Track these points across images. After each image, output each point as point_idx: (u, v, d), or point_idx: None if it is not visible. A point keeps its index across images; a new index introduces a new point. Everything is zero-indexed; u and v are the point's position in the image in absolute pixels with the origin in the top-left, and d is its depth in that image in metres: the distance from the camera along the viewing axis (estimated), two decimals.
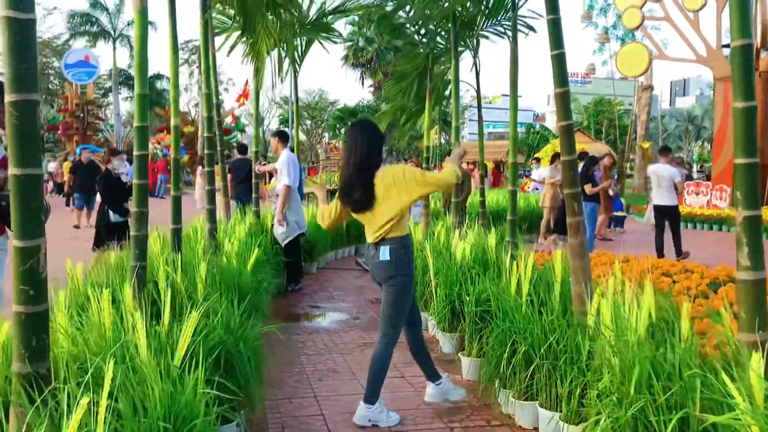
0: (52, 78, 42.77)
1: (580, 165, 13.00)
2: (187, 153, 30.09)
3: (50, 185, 25.75)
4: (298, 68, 9.36)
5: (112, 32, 38.41)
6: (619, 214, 15.10)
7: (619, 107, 41.82)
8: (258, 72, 7.51)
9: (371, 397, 3.85)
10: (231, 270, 4.99)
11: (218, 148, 7.76)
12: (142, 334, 2.73)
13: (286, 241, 7.71)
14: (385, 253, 3.75)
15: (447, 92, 10.47)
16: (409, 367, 5.00)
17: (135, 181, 3.65)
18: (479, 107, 8.94)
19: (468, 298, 4.89)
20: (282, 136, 8.03)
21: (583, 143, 23.19)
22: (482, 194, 9.02)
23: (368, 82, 42.87)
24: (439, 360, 5.26)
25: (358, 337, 5.94)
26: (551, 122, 59.05)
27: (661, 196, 10.12)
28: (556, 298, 4.28)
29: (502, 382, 4.07)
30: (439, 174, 3.87)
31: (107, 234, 7.68)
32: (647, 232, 12.62)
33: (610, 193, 12.63)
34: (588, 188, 10.18)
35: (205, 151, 6.18)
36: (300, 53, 9.26)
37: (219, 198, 7.38)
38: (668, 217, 10.13)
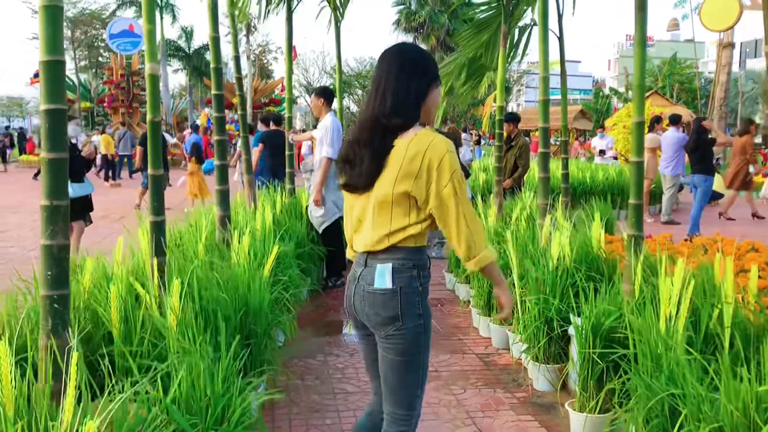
0: (101, 51, 42.22)
1: (673, 129, 11.15)
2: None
3: (99, 159, 24.88)
4: (340, 16, 7.77)
5: (159, 2, 37.40)
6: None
7: (689, 69, 38.81)
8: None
9: None
10: (237, 279, 3.52)
11: (241, 113, 6.30)
12: None
13: (323, 227, 6.23)
14: (383, 275, 2.12)
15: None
16: (487, 418, 3.49)
17: (46, 156, 2.18)
18: (562, 61, 7.18)
19: (579, 325, 3.30)
20: (326, 95, 6.34)
21: (660, 107, 20.91)
22: (565, 165, 7.34)
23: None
24: (531, 403, 3.71)
25: None
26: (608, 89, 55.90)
27: None
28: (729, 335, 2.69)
29: None
30: (477, 227, 2.11)
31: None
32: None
33: (751, 169, 11.25)
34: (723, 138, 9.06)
35: (214, 115, 4.71)
36: None
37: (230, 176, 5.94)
38: None
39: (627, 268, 3.63)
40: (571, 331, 3.70)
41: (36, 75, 37.84)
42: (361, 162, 2.12)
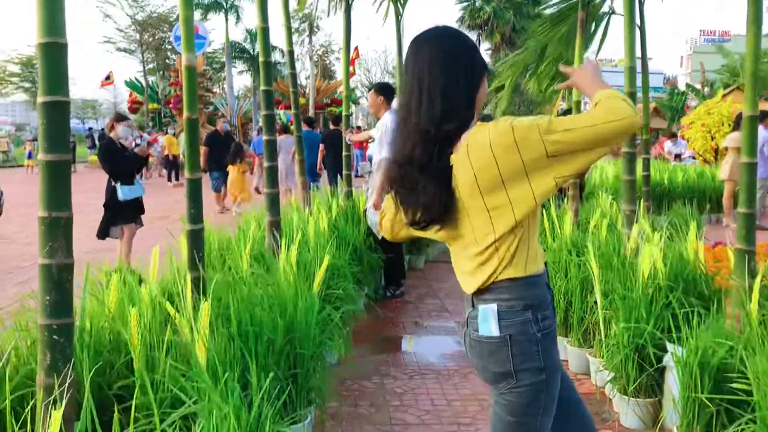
0: (168, 53, 43.17)
1: (761, 128, 10.25)
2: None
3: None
4: (401, 8, 7.36)
5: (224, 3, 37.88)
6: None
7: None
8: None
9: None
10: (282, 296, 3.13)
11: (295, 111, 5.97)
12: None
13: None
14: (486, 319, 1.68)
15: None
16: None
17: (43, 157, 1.84)
18: (644, 52, 6.58)
19: (681, 358, 2.78)
20: (386, 92, 5.85)
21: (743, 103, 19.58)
22: (646, 166, 6.75)
23: (485, 45, 39.98)
24: None
25: (483, 388, 3.90)
26: (684, 85, 53.65)
27: None
28: None
29: None
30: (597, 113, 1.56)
31: (112, 217, 6.15)
32: None
33: None
34: None
35: (262, 113, 4.37)
36: None
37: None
38: None
39: (735, 289, 3.08)
40: (667, 359, 3.18)
41: (107, 78, 39.03)
42: (419, 189, 1.68)
